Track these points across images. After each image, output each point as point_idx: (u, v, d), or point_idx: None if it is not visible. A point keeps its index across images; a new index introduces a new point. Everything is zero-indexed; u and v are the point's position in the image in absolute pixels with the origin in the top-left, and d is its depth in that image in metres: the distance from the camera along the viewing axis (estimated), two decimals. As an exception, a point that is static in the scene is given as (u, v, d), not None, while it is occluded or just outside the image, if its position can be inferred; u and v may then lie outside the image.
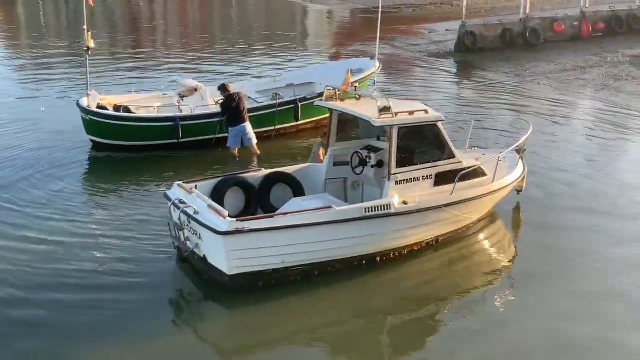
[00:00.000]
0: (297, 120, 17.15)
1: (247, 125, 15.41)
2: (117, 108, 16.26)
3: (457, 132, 16.24)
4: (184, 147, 15.85)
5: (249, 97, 17.33)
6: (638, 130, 17.87)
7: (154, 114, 16.41)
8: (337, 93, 11.66)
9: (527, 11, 29.67)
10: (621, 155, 16.07)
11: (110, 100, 16.73)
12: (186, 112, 16.35)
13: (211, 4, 51.53)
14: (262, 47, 30.41)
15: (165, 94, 17.62)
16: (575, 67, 24.95)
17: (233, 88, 16.01)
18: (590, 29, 30.66)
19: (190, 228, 10.14)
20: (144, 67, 25.74)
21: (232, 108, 15.41)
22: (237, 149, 15.63)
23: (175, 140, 15.82)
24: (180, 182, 11.02)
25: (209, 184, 11.30)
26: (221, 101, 15.73)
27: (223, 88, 15.69)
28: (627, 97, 20.76)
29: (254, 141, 15.52)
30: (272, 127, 16.79)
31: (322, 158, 12.43)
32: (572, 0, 33.93)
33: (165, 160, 15.47)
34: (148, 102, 16.94)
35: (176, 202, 10.35)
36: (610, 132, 17.64)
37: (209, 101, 16.89)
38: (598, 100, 20.66)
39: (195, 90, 17.17)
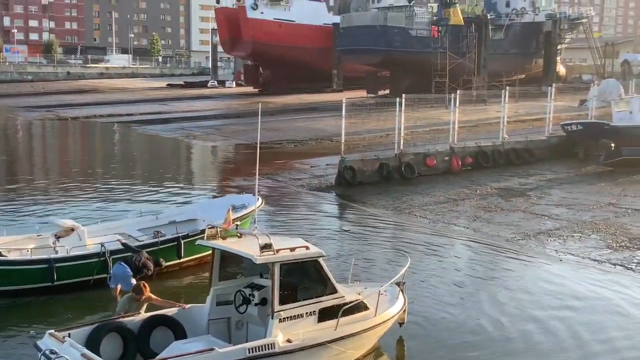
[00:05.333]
0: (179, 257, 16.97)
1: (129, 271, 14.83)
2: (-15, 251, 15.48)
3: (339, 266, 16.53)
4: (59, 290, 15.17)
5: (130, 236, 17.05)
6: (510, 258, 18.83)
7: (26, 256, 15.74)
8: (219, 231, 11.68)
9: (401, 147, 31.35)
10: (496, 283, 16.78)
11: (-23, 243, 15.94)
12: (62, 253, 15.79)
13: (92, 139, 51.18)
14: (145, 183, 30.23)
15: (40, 235, 16.99)
16: (448, 199, 26.29)
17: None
18: (460, 163, 32.67)
19: (62, 380, 9.52)
20: (17, 207, 24.76)
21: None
22: (118, 289, 15.04)
23: (50, 284, 15.14)
24: (52, 331, 10.48)
25: (84, 331, 10.77)
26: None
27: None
28: (496, 227, 21.98)
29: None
30: (154, 266, 16.47)
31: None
32: (441, 137, 36.24)
33: (38, 305, 14.71)
34: (20, 243, 16.27)
35: (47, 352, 9.77)
36: (484, 262, 18.48)
37: (86, 241, 16.42)
38: (471, 230, 21.73)
39: (72, 230, 16.70)
